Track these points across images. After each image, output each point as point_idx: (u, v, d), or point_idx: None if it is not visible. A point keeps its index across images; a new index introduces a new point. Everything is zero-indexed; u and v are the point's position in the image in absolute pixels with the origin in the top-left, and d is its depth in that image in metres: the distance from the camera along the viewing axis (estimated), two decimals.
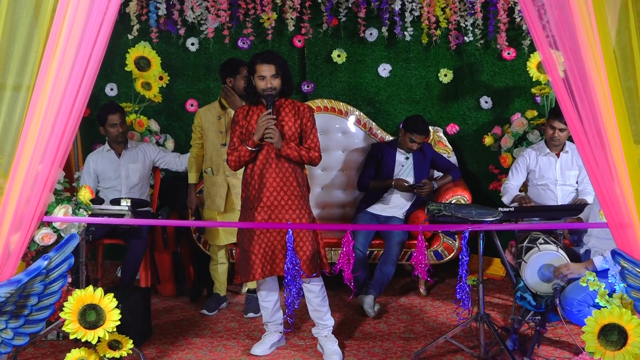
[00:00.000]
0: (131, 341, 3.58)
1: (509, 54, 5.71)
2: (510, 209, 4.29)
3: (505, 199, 4.98)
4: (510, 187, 5.02)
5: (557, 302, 3.80)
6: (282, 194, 4.03)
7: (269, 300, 4.28)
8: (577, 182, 5.00)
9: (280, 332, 4.37)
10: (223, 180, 4.75)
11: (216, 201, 4.77)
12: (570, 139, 4.88)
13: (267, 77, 3.96)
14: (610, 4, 3.06)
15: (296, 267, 3.70)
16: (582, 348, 3.31)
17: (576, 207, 4.54)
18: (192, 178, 4.98)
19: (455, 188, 5.29)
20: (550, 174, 4.98)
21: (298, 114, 4.09)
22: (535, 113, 5.51)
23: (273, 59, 3.98)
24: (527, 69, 5.39)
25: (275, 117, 3.97)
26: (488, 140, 5.63)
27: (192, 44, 5.85)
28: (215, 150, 4.75)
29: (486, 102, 5.81)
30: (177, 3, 5.63)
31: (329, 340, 4.25)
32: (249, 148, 3.99)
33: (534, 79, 5.39)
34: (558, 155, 4.98)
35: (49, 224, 3.58)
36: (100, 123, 5.09)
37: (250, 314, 4.83)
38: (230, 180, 4.72)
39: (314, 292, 4.17)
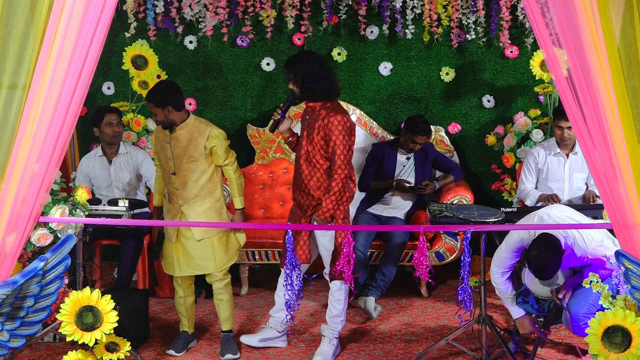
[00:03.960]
0: (129, 343, 3.56)
1: (511, 52, 5.67)
2: (514, 210, 4.26)
3: (529, 202, 4.85)
4: (529, 189, 4.94)
5: (565, 304, 3.74)
6: (300, 194, 4.22)
7: (283, 293, 4.27)
8: (585, 185, 4.95)
9: (280, 332, 4.35)
10: (177, 209, 4.18)
11: (168, 231, 4.22)
12: None
13: (289, 80, 4.21)
14: (614, 1, 3.04)
15: (296, 268, 3.67)
16: (585, 350, 3.28)
17: (587, 207, 4.49)
18: (155, 200, 4.41)
19: (457, 188, 5.25)
20: (558, 175, 4.93)
21: (324, 127, 4.08)
22: (539, 112, 5.47)
23: (285, 65, 4.21)
24: (530, 67, 5.35)
25: (280, 112, 4.19)
26: (490, 139, 5.59)
27: (190, 42, 5.81)
28: (168, 177, 4.19)
29: (489, 101, 5.77)
30: (175, 0, 5.59)
31: (325, 340, 4.24)
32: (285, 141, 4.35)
33: (537, 78, 5.35)
34: (568, 155, 4.92)
35: (45, 224, 3.55)
36: (94, 124, 5.03)
37: (228, 356, 4.25)
38: (185, 210, 4.15)
39: (331, 291, 4.23)
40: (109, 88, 5.90)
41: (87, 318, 3.35)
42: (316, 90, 4.10)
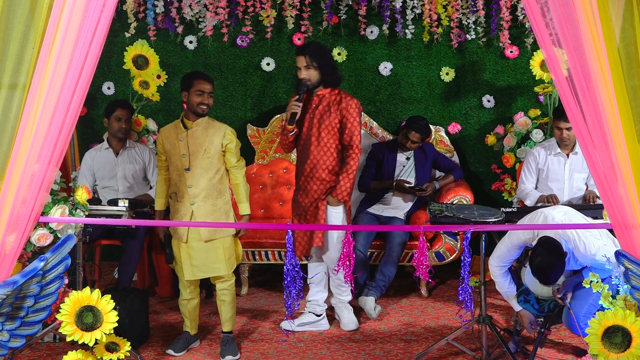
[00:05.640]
0: (129, 343, 3.55)
1: (511, 52, 5.67)
2: (514, 210, 4.25)
3: (529, 203, 4.86)
4: (529, 189, 4.94)
5: (567, 302, 3.74)
6: (309, 181, 4.39)
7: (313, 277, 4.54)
8: (585, 185, 4.95)
9: (318, 315, 4.57)
10: (187, 209, 4.16)
11: (178, 230, 4.17)
12: None
13: (300, 67, 4.31)
14: (614, 1, 3.03)
15: (296, 269, 3.67)
16: (585, 350, 3.28)
17: (587, 207, 4.48)
18: (159, 204, 4.33)
19: (457, 188, 5.25)
20: (558, 175, 4.93)
21: (339, 107, 4.31)
22: (539, 112, 5.47)
23: (303, 51, 4.30)
24: (530, 67, 5.35)
25: (299, 104, 4.27)
26: (490, 139, 5.59)
27: (190, 42, 5.81)
28: (179, 175, 4.17)
29: (488, 101, 5.77)
30: (175, 1, 5.59)
31: (345, 309, 4.56)
32: (285, 134, 4.38)
33: (537, 78, 5.34)
34: (568, 155, 4.92)
35: (45, 224, 3.55)
36: (106, 114, 5.13)
37: (229, 357, 4.23)
38: (196, 208, 4.15)
39: (332, 278, 4.49)
40: (109, 88, 5.90)
41: (87, 318, 3.34)
42: (333, 77, 4.35)
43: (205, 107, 4.13)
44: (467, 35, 5.64)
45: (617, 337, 3.07)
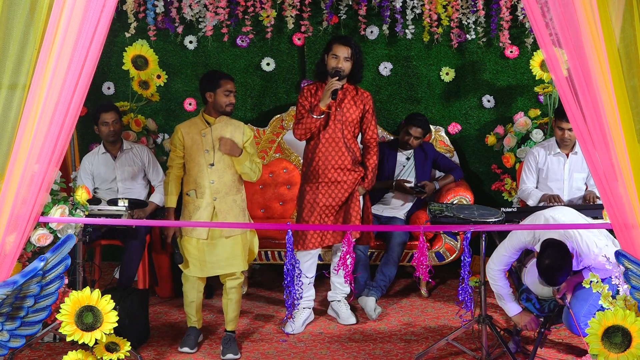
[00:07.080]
0: (129, 343, 3.56)
1: (511, 52, 5.67)
2: (514, 210, 4.26)
3: (531, 202, 4.85)
4: (530, 189, 4.94)
5: (567, 302, 3.74)
6: (340, 172, 4.56)
7: (308, 275, 4.61)
8: (585, 185, 4.95)
9: (310, 309, 4.68)
10: (209, 204, 4.21)
11: (197, 228, 4.21)
12: None
13: (339, 57, 4.47)
14: (614, 1, 3.03)
15: (296, 268, 3.67)
16: (585, 350, 3.28)
17: (587, 207, 4.48)
18: (171, 202, 4.32)
19: (457, 188, 5.25)
20: (558, 175, 4.93)
21: (362, 100, 4.61)
22: (539, 112, 5.47)
23: (350, 43, 4.51)
24: (530, 67, 5.35)
25: (341, 83, 4.43)
26: (490, 139, 5.59)
27: (190, 42, 5.81)
28: (201, 171, 4.22)
29: (488, 101, 5.77)
30: (175, 1, 5.59)
31: (342, 304, 4.72)
32: (315, 116, 4.45)
33: (537, 78, 5.34)
34: (567, 155, 4.92)
35: (45, 224, 3.55)
36: (94, 122, 5.11)
37: (229, 355, 4.25)
38: (218, 204, 4.22)
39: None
40: (109, 88, 5.90)
41: (87, 318, 3.35)
42: (358, 75, 4.61)
43: (232, 106, 4.27)
44: (467, 35, 5.64)
45: (617, 337, 3.07)
